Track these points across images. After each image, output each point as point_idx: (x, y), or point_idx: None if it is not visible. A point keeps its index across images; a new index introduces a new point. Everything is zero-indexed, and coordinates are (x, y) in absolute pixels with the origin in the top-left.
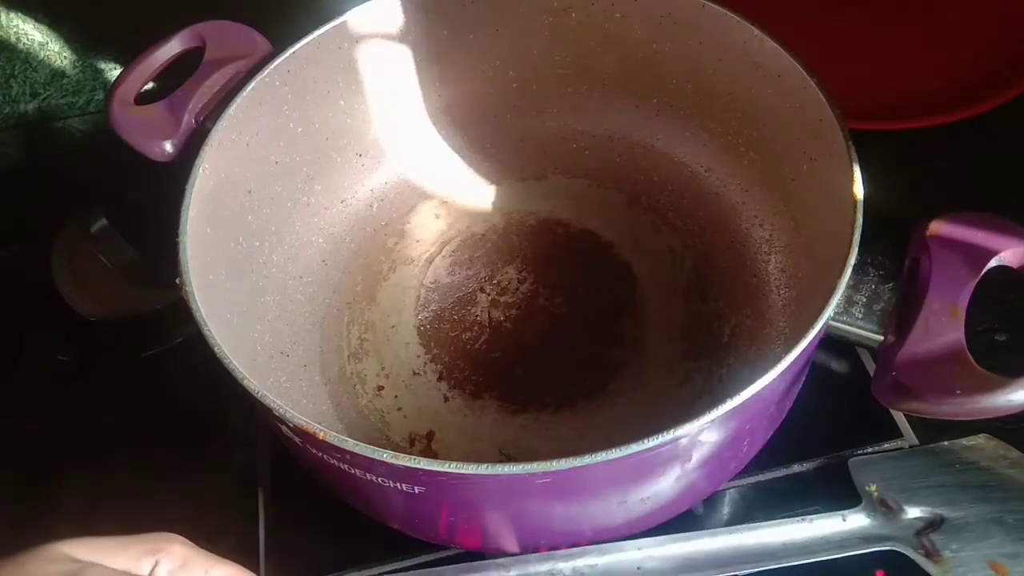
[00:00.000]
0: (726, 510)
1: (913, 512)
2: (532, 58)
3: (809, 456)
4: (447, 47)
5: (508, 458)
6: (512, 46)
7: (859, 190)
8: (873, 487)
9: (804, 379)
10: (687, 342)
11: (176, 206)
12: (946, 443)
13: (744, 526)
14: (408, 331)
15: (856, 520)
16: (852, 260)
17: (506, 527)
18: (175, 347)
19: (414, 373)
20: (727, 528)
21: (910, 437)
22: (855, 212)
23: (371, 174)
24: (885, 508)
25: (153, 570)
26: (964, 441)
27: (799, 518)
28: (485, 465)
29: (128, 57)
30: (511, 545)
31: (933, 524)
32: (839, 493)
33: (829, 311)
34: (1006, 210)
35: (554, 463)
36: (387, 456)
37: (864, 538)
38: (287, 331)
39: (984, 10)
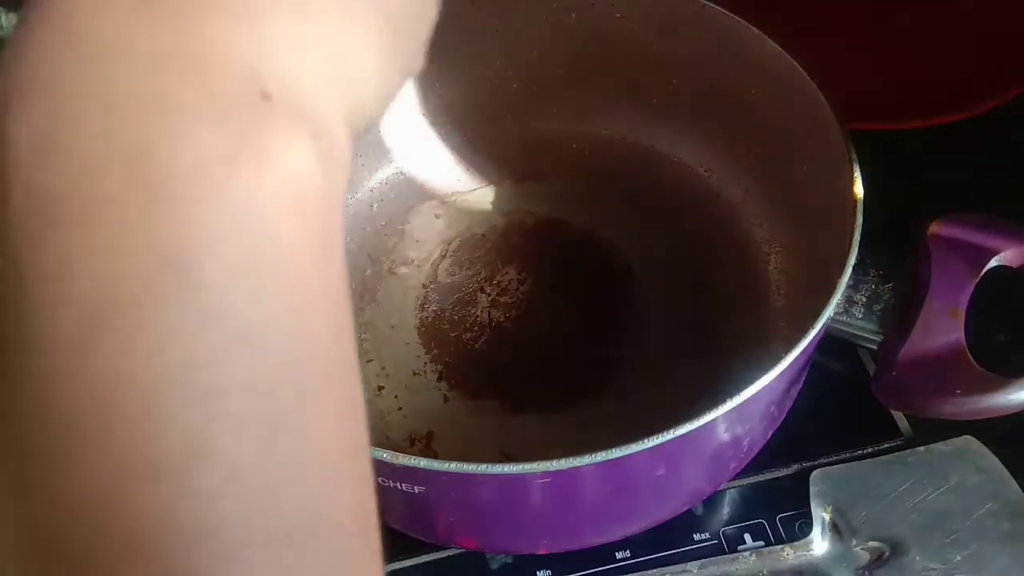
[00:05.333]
0: (726, 510)
1: (861, 543)
2: (532, 58)
3: (809, 456)
4: (447, 47)
5: (508, 458)
6: (512, 46)
7: (859, 190)
8: (828, 510)
9: (804, 379)
10: (687, 342)
11: None
12: (921, 448)
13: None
14: (408, 331)
15: (802, 554)
16: (852, 260)
17: (506, 527)
18: None
19: (414, 373)
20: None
21: (910, 437)
22: (855, 212)
23: (371, 174)
24: (835, 535)
25: None
26: (943, 446)
27: (743, 553)
28: (485, 465)
29: None
30: (511, 545)
31: (879, 559)
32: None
33: (829, 311)
34: (1006, 210)
35: (554, 463)
36: (387, 456)
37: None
38: None
39: (983, 11)
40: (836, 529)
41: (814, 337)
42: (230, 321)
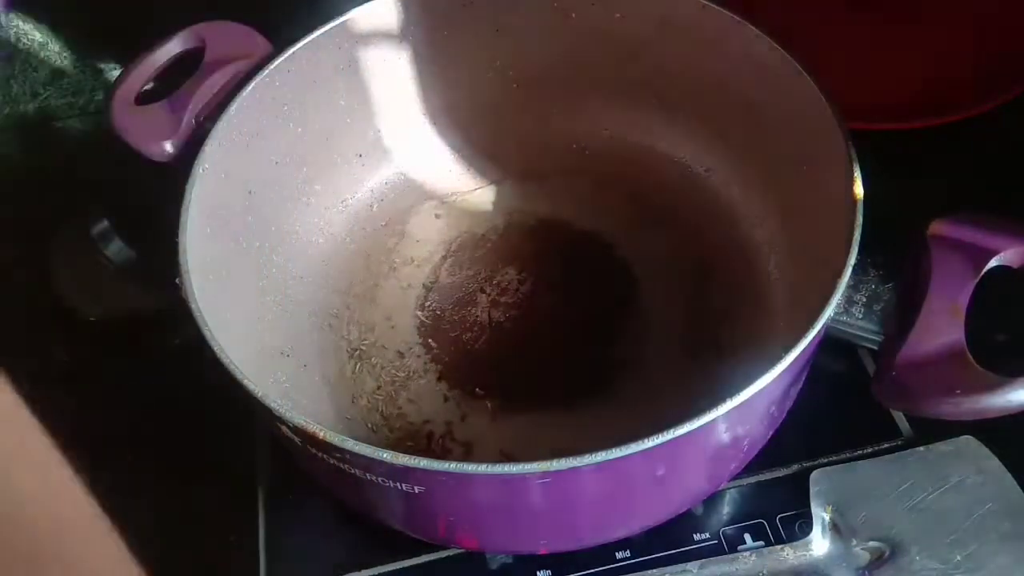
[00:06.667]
0: (726, 510)
1: (861, 543)
2: (532, 58)
3: (809, 456)
4: (447, 47)
5: (508, 458)
6: (512, 46)
7: (859, 190)
8: (828, 510)
9: (804, 379)
10: (687, 342)
11: (176, 206)
12: (921, 448)
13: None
14: (408, 331)
15: (802, 554)
16: (852, 260)
17: (506, 527)
18: (175, 347)
19: (414, 373)
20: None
21: (910, 437)
22: (855, 212)
23: (371, 174)
24: (835, 535)
25: None
26: (943, 446)
27: (743, 553)
28: (485, 465)
29: (128, 57)
30: (511, 545)
31: (879, 559)
32: None
33: (829, 311)
34: (1006, 210)
35: (554, 463)
36: (387, 456)
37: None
38: (287, 331)
39: (983, 10)
40: (836, 529)
41: (814, 337)
42: None
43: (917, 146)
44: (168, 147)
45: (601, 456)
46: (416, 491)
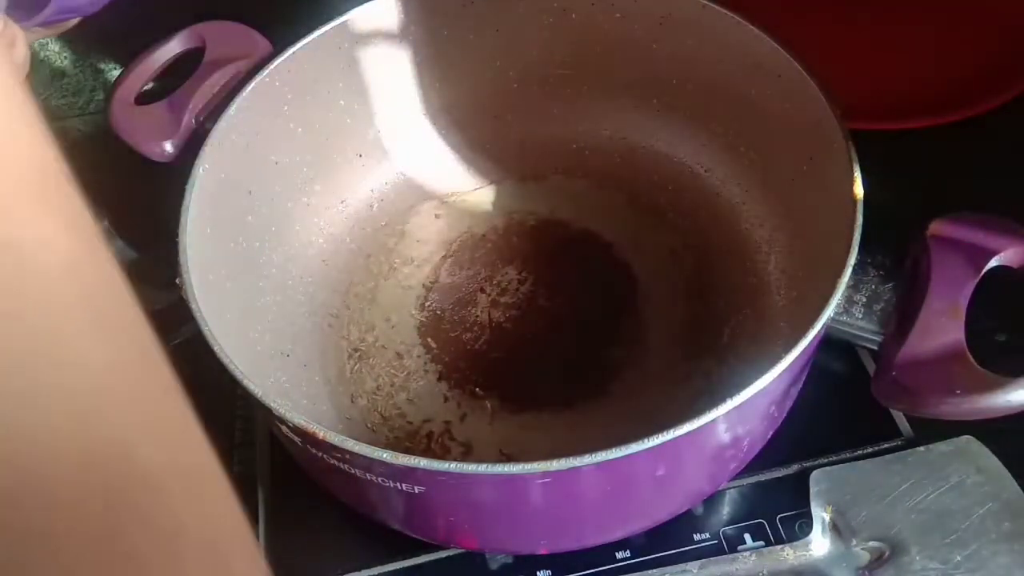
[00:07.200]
0: (726, 510)
1: (861, 543)
2: (532, 58)
3: (809, 456)
4: (447, 47)
5: (508, 458)
6: (512, 46)
7: (859, 190)
8: (828, 510)
9: (804, 379)
10: (687, 342)
11: (176, 206)
12: (921, 448)
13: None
14: (408, 331)
15: (802, 554)
16: (852, 260)
17: (506, 527)
18: (175, 347)
19: (414, 373)
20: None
21: (910, 437)
22: (855, 212)
23: (371, 174)
24: (835, 535)
25: None
26: (943, 446)
27: (743, 553)
28: (485, 465)
29: (128, 57)
30: (511, 545)
31: (879, 559)
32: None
33: (829, 311)
34: (1006, 210)
35: (554, 463)
36: (387, 456)
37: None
38: (287, 331)
39: (983, 10)
40: (836, 529)
41: (814, 337)
42: None
43: (917, 146)
44: (168, 147)
45: (601, 456)
46: (416, 491)
